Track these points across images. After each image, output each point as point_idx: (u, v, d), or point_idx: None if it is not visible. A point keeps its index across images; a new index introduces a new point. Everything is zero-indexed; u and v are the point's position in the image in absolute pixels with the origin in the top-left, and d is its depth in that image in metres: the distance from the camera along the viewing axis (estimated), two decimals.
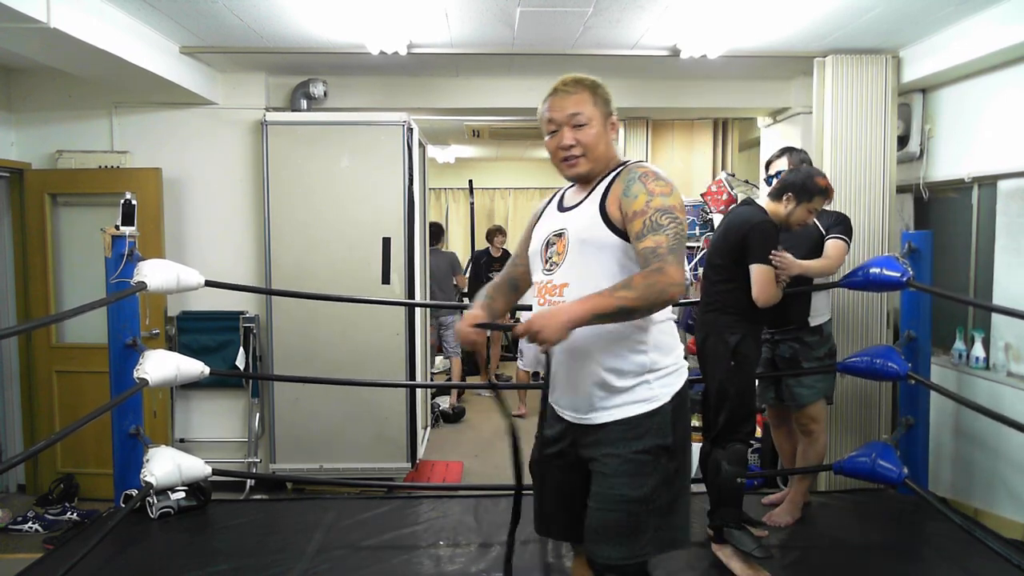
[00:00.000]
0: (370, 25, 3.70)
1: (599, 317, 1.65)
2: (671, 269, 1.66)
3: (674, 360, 1.88)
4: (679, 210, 1.77)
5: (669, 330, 1.90)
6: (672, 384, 1.86)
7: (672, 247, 1.70)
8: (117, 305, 3.06)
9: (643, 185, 1.78)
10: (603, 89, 1.96)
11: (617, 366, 1.83)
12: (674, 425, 1.84)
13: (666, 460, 1.82)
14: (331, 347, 4.48)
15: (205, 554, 2.91)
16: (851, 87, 4.09)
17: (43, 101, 4.60)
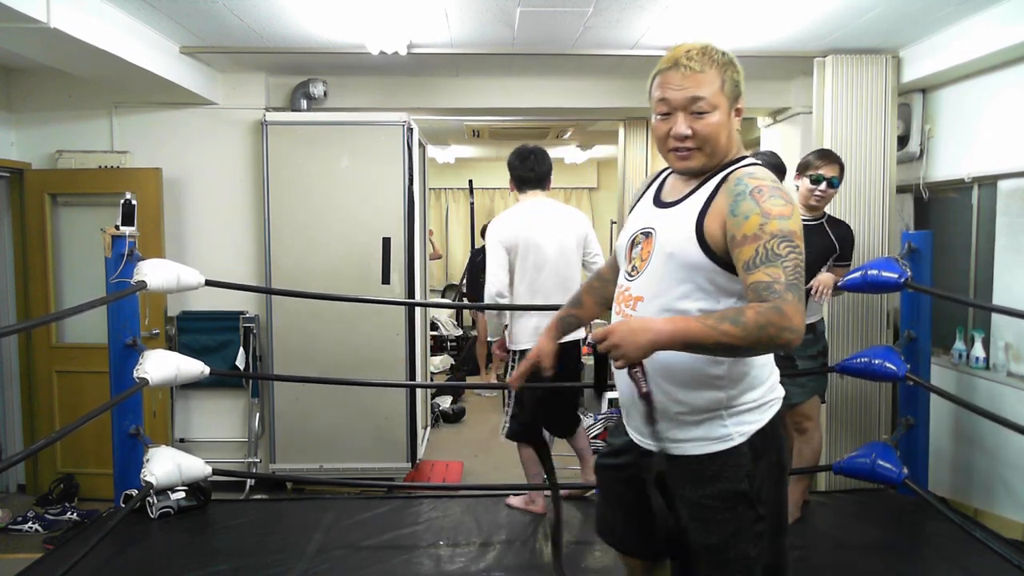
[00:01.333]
0: (370, 25, 3.70)
1: (691, 347, 1.41)
2: (790, 310, 1.37)
3: (759, 395, 1.60)
4: (798, 237, 1.46)
5: (757, 361, 1.59)
6: (752, 421, 1.58)
7: (791, 283, 1.40)
8: (117, 305, 3.06)
9: (756, 203, 1.47)
10: (734, 68, 1.61)
11: (684, 399, 1.59)
12: (754, 470, 1.57)
13: (744, 508, 1.57)
14: (331, 347, 4.48)
15: (205, 554, 2.91)
16: (851, 87, 4.09)
17: (43, 101, 4.60)
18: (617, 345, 1.40)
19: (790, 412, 3.28)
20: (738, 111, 1.63)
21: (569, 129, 7.28)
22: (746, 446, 1.57)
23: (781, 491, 1.65)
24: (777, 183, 1.54)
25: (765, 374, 1.61)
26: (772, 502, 1.60)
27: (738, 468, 1.57)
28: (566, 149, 8.78)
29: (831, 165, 3.20)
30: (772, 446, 1.60)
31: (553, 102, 4.88)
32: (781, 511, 1.65)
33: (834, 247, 3.27)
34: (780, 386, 1.67)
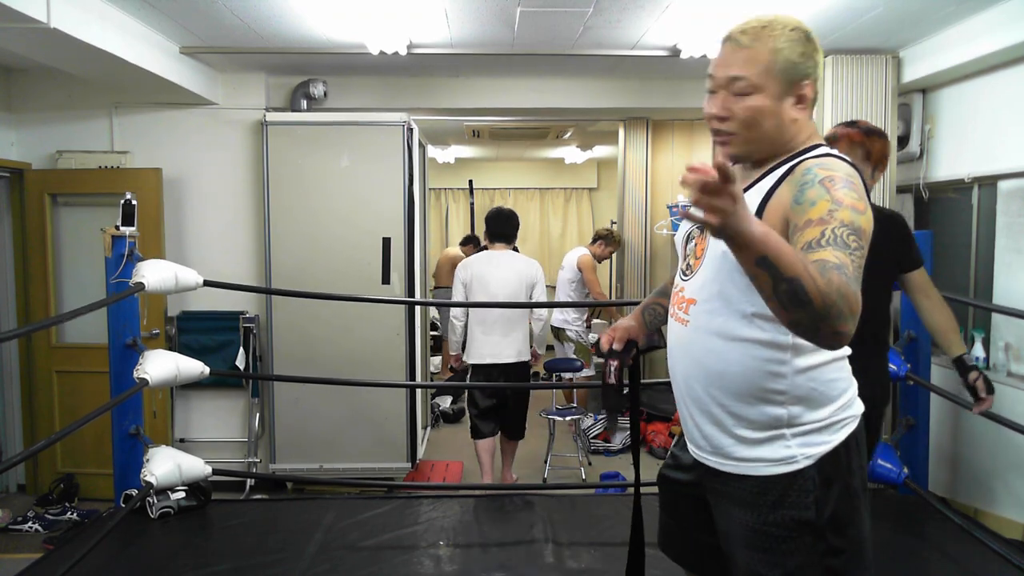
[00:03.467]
0: (370, 25, 3.70)
1: (766, 265, 1.12)
2: (859, 303, 1.16)
3: (829, 413, 1.41)
4: (867, 238, 1.26)
5: (825, 376, 1.41)
6: (820, 442, 1.41)
7: (856, 277, 1.19)
8: (117, 305, 3.06)
9: (826, 190, 1.28)
10: (800, 45, 1.40)
11: (740, 412, 1.44)
12: (822, 496, 1.40)
13: (810, 539, 1.40)
14: (331, 347, 4.48)
15: (205, 554, 2.91)
16: (851, 87, 4.09)
17: (43, 101, 4.60)
18: (735, 198, 1.08)
19: None
20: (801, 97, 1.41)
21: (569, 129, 7.28)
22: (813, 469, 1.40)
23: (860, 520, 1.45)
24: (854, 177, 1.33)
25: (836, 390, 1.42)
26: (850, 533, 1.42)
27: (804, 494, 1.40)
28: (566, 149, 8.78)
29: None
30: (847, 470, 1.42)
31: (553, 102, 4.88)
32: (863, 544, 1.45)
33: None
34: (859, 402, 1.48)
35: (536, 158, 9.69)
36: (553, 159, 9.61)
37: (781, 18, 1.41)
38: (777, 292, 1.13)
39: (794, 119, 1.42)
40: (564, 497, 3.56)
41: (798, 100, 1.41)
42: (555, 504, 3.39)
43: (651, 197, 6.02)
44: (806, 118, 1.44)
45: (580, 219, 10.16)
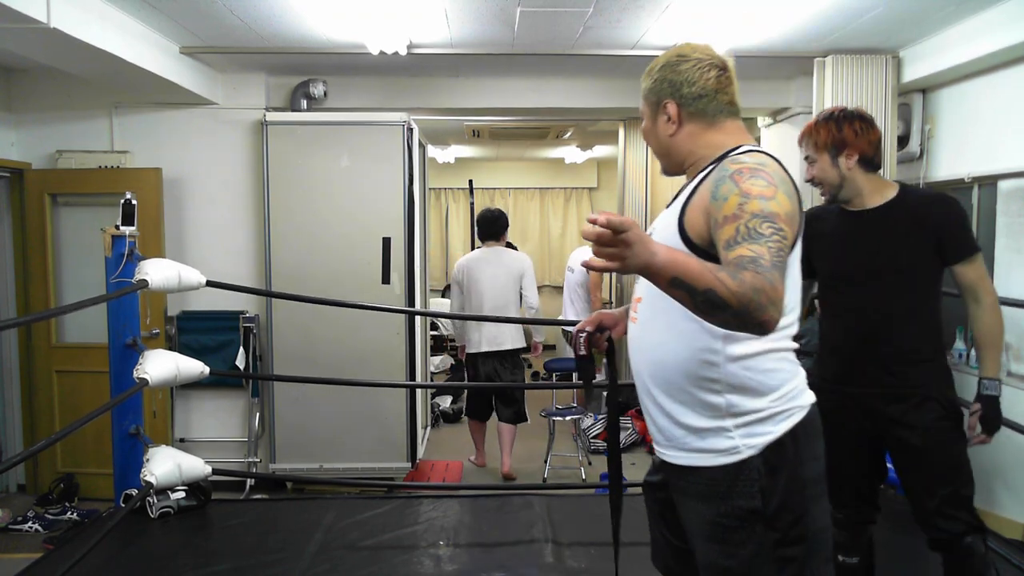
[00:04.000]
0: (370, 25, 3.70)
1: (679, 285, 1.21)
2: (780, 288, 1.23)
3: (769, 404, 1.46)
4: (785, 220, 1.33)
5: (761, 366, 1.46)
6: (763, 432, 1.45)
7: (775, 263, 1.26)
8: (117, 305, 3.06)
9: (735, 184, 1.37)
10: (653, 74, 1.59)
11: (683, 400, 1.50)
12: (768, 485, 1.44)
13: (761, 528, 1.44)
14: (331, 347, 4.48)
15: (205, 554, 2.91)
16: (851, 87, 4.09)
17: (43, 101, 4.60)
18: (630, 244, 1.19)
19: None
20: (670, 118, 1.58)
21: (569, 129, 7.28)
22: (758, 459, 1.44)
23: (815, 510, 1.47)
24: (765, 165, 1.41)
25: (775, 380, 1.47)
26: (804, 522, 1.45)
27: (750, 483, 1.44)
28: (566, 149, 8.78)
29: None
30: (794, 459, 1.45)
31: (553, 102, 4.88)
32: (820, 534, 1.48)
33: None
34: (808, 394, 1.52)
35: (536, 158, 9.69)
36: (553, 159, 9.61)
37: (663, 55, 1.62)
38: (696, 304, 1.22)
39: (671, 134, 1.60)
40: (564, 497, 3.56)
41: (668, 118, 1.58)
42: (555, 504, 3.39)
43: (651, 197, 6.02)
44: (699, 129, 1.57)
45: (580, 219, 10.15)
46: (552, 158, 9.56)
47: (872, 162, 2.24)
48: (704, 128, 1.57)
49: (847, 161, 2.22)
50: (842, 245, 2.28)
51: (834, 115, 2.27)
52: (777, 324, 1.23)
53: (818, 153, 2.27)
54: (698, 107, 1.56)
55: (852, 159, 2.21)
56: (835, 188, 2.26)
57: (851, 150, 2.21)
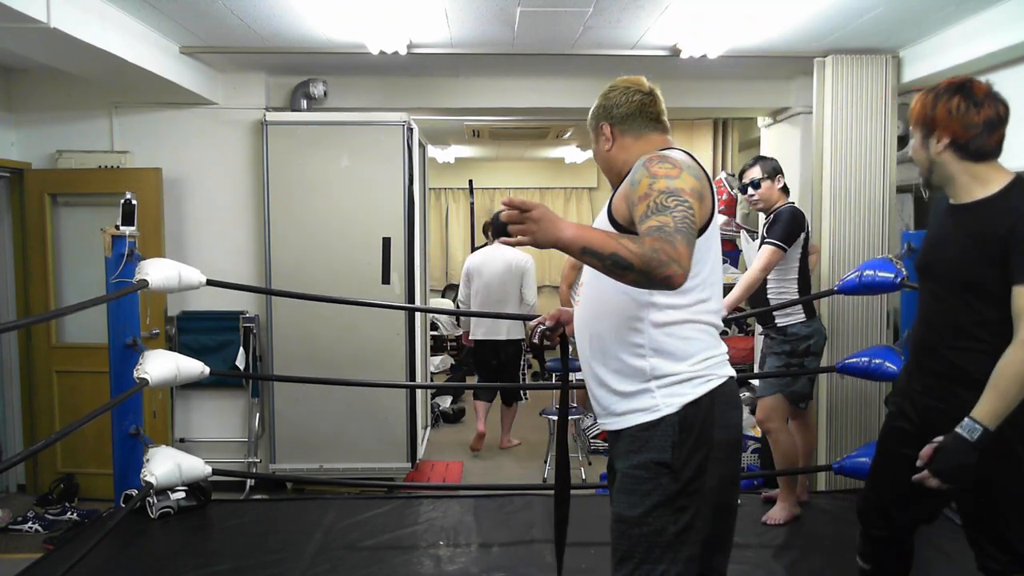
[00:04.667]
0: (370, 25, 3.70)
1: (588, 252, 1.44)
2: (681, 248, 1.42)
3: (688, 368, 1.65)
4: (690, 194, 1.54)
5: (680, 333, 1.66)
6: (680, 394, 1.63)
7: (679, 228, 1.45)
8: (117, 305, 3.06)
9: (646, 169, 1.61)
10: (594, 104, 1.89)
11: (616, 368, 1.70)
12: (680, 440, 1.61)
13: (667, 480, 1.61)
14: (331, 347, 4.48)
15: (205, 554, 2.91)
16: (851, 87, 4.09)
17: (43, 101, 4.60)
18: (536, 220, 1.47)
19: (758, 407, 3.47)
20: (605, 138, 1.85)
21: (569, 129, 7.28)
22: (675, 417, 1.63)
23: (717, 469, 1.65)
24: (666, 155, 1.67)
25: (694, 347, 1.66)
26: (705, 480, 1.63)
27: (664, 438, 1.62)
28: (566, 149, 8.78)
29: (749, 171, 3.48)
30: (705, 421, 1.63)
31: (553, 102, 4.88)
32: (721, 492, 1.68)
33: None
34: (726, 367, 1.71)
35: (536, 158, 9.69)
36: (553, 159, 9.61)
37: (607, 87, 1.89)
38: (606, 266, 1.44)
39: (608, 150, 1.85)
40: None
41: (605, 137, 1.85)
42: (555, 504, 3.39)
43: None
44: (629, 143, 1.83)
45: (580, 219, 10.14)
46: (552, 158, 9.56)
47: (969, 149, 1.89)
48: (633, 141, 1.83)
49: (937, 145, 1.91)
50: (929, 239, 2.07)
51: (937, 88, 1.94)
52: (683, 280, 1.42)
53: (913, 130, 2.00)
54: (626, 125, 1.83)
55: (942, 143, 1.90)
56: (926, 172, 1.99)
57: (941, 132, 1.90)
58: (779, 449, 3.34)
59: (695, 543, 1.64)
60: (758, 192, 3.41)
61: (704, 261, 1.67)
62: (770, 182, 3.41)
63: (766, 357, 3.44)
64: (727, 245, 5.41)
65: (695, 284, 1.65)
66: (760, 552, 2.97)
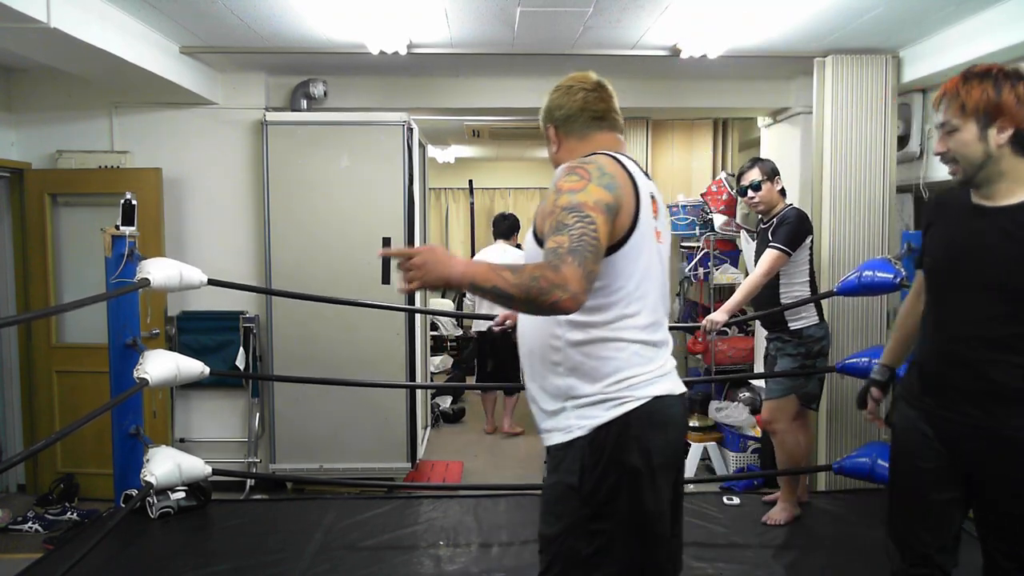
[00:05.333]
0: (370, 25, 3.70)
1: (475, 287, 1.42)
2: (567, 270, 1.38)
3: (602, 389, 1.59)
4: (593, 208, 1.48)
5: (597, 352, 1.60)
6: (592, 416, 1.58)
7: (573, 248, 1.41)
8: (117, 304, 3.06)
9: (554, 185, 1.56)
10: (545, 98, 1.88)
11: (541, 385, 1.67)
12: (589, 464, 1.57)
13: (576, 504, 1.58)
14: (331, 347, 4.48)
15: (205, 554, 2.91)
16: (851, 87, 4.09)
17: (43, 101, 4.59)
18: (419, 266, 1.43)
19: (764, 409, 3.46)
20: (549, 138, 1.85)
21: None
22: (584, 440, 1.58)
23: (633, 498, 1.57)
24: (583, 163, 1.60)
25: (609, 367, 1.59)
26: (617, 506, 1.56)
27: (574, 461, 1.58)
28: None
29: (747, 173, 3.44)
30: (621, 446, 1.56)
31: None
32: (633, 521, 1.58)
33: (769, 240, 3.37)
34: (650, 387, 1.61)
35: (536, 158, 9.68)
36: None
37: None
38: (490, 299, 1.42)
39: (555, 152, 1.82)
40: None
41: (550, 141, 1.84)
42: None
43: None
44: (573, 144, 1.79)
45: None
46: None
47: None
48: (577, 143, 1.78)
49: (999, 136, 1.71)
50: (951, 244, 1.85)
51: (992, 72, 1.74)
52: (573, 303, 1.38)
53: (964, 119, 1.74)
54: (568, 126, 1.80)
55: (1005, 133, 1.71)
56: (973, 168, 1.76)
57: (1006, 121, 1.70)
58: (785, 450, 3.34)
59: (613, 566, 1.58)
60: (759, 194, 3.40)
61: (629, 274, 1.59)
62: (770, 183, 3.40)
63: (776, 359, 3.42)
64: (727, 245, 5.41)
65: (615, 299, 1.58)
66: (760, 552, 2.97)
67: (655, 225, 1.68)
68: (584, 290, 1.40)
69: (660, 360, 1.66)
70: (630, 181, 1.61)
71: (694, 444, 4.88)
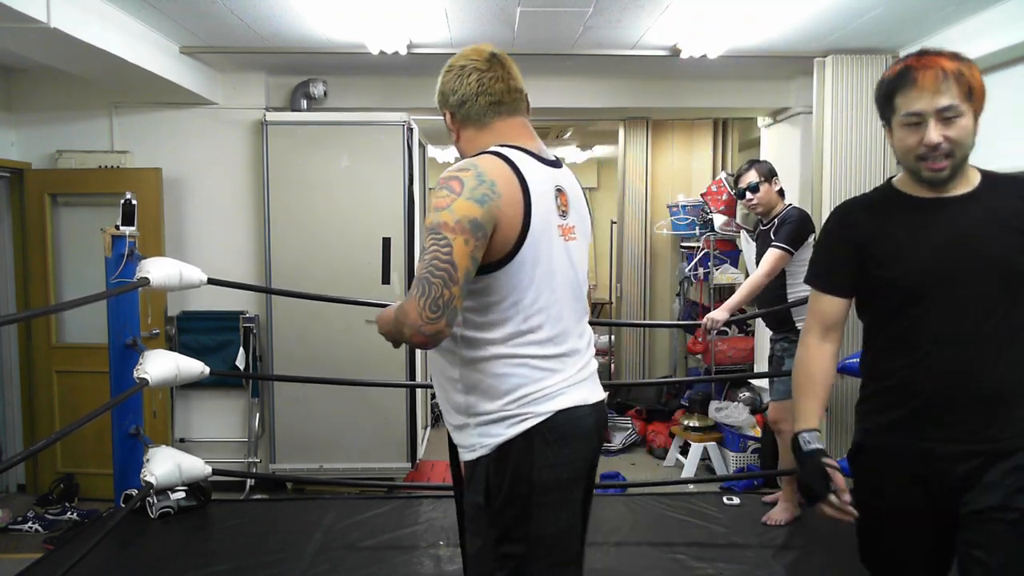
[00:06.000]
0: (370, 25, 3.70)
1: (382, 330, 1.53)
2: (407, 305, 1.38)
3: (502, 407, 1.51)
4: (453, 228, 1.40)
5: (492, 369, 1.52)
6: (494, 434, 1.51)
7: (420, 278, 1.38)
8: (117, 304, 3.06)
9: (432, 200, 1.47)
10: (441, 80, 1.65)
11: (446, 398, 1.62)
12: (494, 485, 1.51)
13: (486, 523, 1.53)
14: (331, 347, 4.48)
15: (205, 554, 2.91)
16: (851, 87, 4.09)
17: (43, 101, 4.60)
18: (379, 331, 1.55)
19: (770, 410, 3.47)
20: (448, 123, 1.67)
21: (569, 129, 7.28)
22: (488, 459, 1.52)
23: (543, 517, 1.51)
24: (459, 171, 1.47)
25: (507, 385, 1.51)
26: (528, 526, 1.50)
27: (480, 480, 1.53)
28: (566, 149, 8.77)
29: (745, 175, 3.45)
30: (524, 464, 1.50)
31: (553, 102, 4.87)
32: (546, 541, 1.52)
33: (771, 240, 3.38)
34: (551, 403, 1.53)
35: None
36: None
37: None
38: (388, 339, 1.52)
39: (456, 141, 1.66)
40: None
41: (449, 128, 1.66)
42: None
43: (651, 197, 6.02)
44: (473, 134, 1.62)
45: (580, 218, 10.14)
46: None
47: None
48: (477, 132, 1.62)
49: (974, 122, 1.64)
50: (916, 246, 1.64)
51: (959, 56, 1.59)
52: (431, 335, 1.39)
53: (968, 104, 1.58)
54: (464, 113, 1.61)
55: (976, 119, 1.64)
56: (963, 161, 1.66)
57: (978, 106, 1.63)
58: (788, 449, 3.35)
59: None
60: (757, 196, 3.40)
61: (524, 286, 1.48)
62: (768, 185, 3.41)
63: (782, 359, 3.39)
64: (727, 245, 5.41)
65: (509, 314, 1.49)
66: (760, 552, 2.97)
67: (561, 222, 1.56)
68: (428, 320, 1.37)
69: (567, 372, 1.56)
70: (518, 183, 1.48)
71: (694, 444, 4.88)
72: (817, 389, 1.81)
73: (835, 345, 1.88)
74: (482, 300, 1.49)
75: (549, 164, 1.60)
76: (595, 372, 1.66)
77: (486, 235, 1.43)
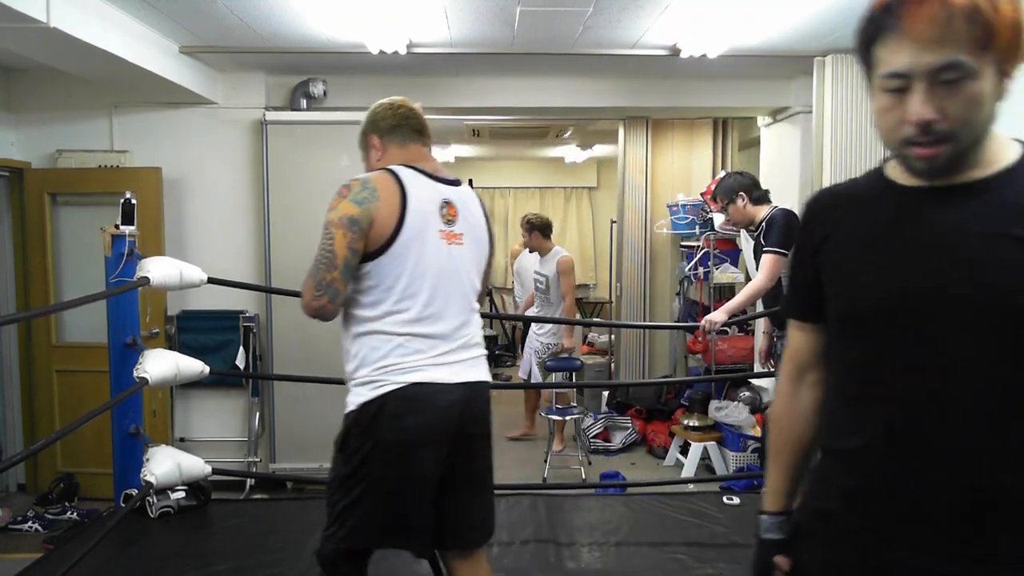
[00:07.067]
0: (370, 24, 3.70)
1: None
2: (304, 288, 1.84)
3: (369, 373, 1.87)
4: (336, 224, 1.85)
5: (369, 342, 1.89)
6: (360, 394, 1.87)
7: (312, 271, 1.84)
8: (117, 304, 3.06)
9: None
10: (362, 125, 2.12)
11: (344, 368, 1.97)
12: (352, 432, 1.87)
13: (342, 462, 1.90)
14: (331, 347, 4.44)
15: (205, 554, 2.91)
16: (851, 87, 4.09)
17: (43, 101, 4.60)
18: None
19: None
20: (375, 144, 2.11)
21: (569, 129, 7.28)
22: (353, 413, 1.87)
23: (387, 466, 1.84)
24: (349, 181, 1.94)
25: (376, 356, 1.86)
26: (370, 470, 1.84)
27: (346, 429, 1.89)
28: (566, 149, 8.78)
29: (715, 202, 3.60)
30: (374, 419, 1.83)
31: (553, 102, 4.88)
32: (381, 484, 1.84)
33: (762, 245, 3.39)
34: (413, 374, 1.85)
35: (536, 157, 9.69)
36: (553, 158, 9.61)
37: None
38: None
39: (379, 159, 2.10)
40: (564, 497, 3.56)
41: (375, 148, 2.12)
42: (555, 504, 3.39)
43: (651, 196, 6.02)
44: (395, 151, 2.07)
45: (580, 218, 10.17)
46: (552, 157, 9.56)
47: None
48: (398, 149, 2.04)
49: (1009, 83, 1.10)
50: (920, 255, 1.06)
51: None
52: (312, 311, 1.83)
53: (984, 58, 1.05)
54: (392, 135, 2.05)
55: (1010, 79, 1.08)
56: (962, 146, 1.12)
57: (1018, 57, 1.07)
58: None
59: (364, 519, 1.86)
60: (729, 217, 3.52)
61: (397, 275, 1.84)
62: (734, 205, 3.47)
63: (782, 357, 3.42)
64: (727, 244, 5.41)
65: (385, 296, 1.85)
66: None
67: (447, 229, 1.92)
68: (314, 297, 1.81)
69: (432, 352, 1.87)
70: (399, 192, 1.87)
71: (694, 444, 4.88)
72: (784, 457, 1.30)
73: (813, 391, 1.27)
74: (365, 284, 1.86)
75: (444, 182, 1.98)
76: (477, 358, 1.98)
77: (362, 230, 1.83)
